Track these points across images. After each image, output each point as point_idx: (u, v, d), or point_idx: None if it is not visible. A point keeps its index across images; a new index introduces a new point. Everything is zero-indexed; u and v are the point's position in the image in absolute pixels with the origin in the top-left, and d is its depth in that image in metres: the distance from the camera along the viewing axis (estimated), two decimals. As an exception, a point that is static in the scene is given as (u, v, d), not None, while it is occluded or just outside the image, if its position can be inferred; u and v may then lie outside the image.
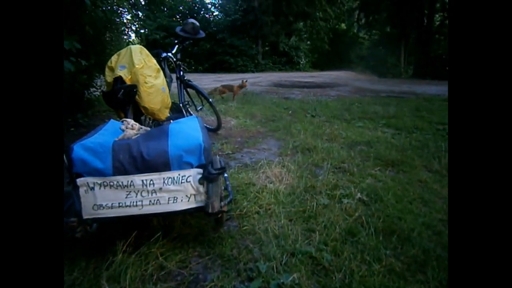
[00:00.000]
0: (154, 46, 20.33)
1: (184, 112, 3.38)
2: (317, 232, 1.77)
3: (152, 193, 1.47)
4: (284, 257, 1.56)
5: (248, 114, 5.08)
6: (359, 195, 2.19)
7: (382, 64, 21.14)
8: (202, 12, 25.12)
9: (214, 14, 25.66)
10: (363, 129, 4.13)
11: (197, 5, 25.16)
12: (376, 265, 1.51)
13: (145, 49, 2.50)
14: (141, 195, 1.46)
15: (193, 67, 22.68)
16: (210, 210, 1.50)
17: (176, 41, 3.51)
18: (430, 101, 6.96)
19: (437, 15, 20.57)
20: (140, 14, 24.10)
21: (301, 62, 25.11)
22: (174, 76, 3.49)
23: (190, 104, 3.79)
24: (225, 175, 1.92)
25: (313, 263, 1.54)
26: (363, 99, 7.20)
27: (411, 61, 21.61)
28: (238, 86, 6.81)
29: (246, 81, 7.00)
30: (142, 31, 23.56)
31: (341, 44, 28.25)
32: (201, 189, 1.52)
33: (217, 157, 1.89)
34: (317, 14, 25.25)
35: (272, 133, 3.89)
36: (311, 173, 2.58)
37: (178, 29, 3.52)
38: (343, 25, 28.94)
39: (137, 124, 1.90)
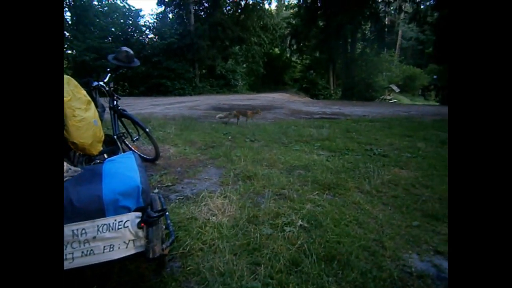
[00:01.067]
0: (83, 68, 19.18)
1: (119, 144, 3.20)
2: (262, 265, 1.77)
3: (84, 243, 1.34)
4: (230, 296, 1.53)
5: (187, 140, 4.99)
6: (300, 222, 2.26)
7: (314, 86, 22.61)
8: (136, 35, 24.46)
9: (149, 37, 25.17)
10: (300, 152, 4.32)
11: (131, 28, 24.48)
12: (320, 294, 1.56)
13: (73, 79, 2.34)
14: (71, 246, 1.33)
15: (127, 91, 21.74)
16: (151, 255, 1.41)
17: (108, 70, 3.35)
18: (358, 122, 7.59)
19: (358, 44, 22.87)
20: (67, 34, 22.65)
21: (238, 85, 25.65)
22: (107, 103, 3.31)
23: (126, 135, 3.61)
24: (166, 213, 1.85)
25: (260, 299, 1.53)
26: (298, 121, 7.56)
27: (340, 83, 23.47)
28: (252, 112, 7.45)
29: (260, 110, 7.78)
30: (69, 51, 22.10)
31: (276, 68, 29.60)
32: (140, 233, 1.43)
33: (157, 195, 1.81)
34: (252, 39, 26.27)
35: (212, 161, 3.87)
36: (253, 202, 2.60)
37: (110, 57, 3.36)
38: (276, 50, 30.44)
39: (66, 164, 1.75)
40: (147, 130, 3.54)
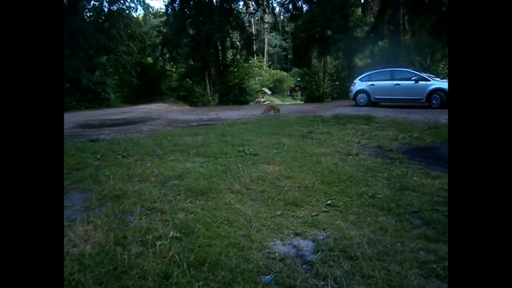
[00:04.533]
0: None
1: None
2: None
3: None
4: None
5: (45, 166, 4.34)
6: (172, 233, 2.25)
7: (192, 94, 22.56)
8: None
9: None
10: (175, 162, 4.27)
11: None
12: (189, 302, 1.58)
13: None
14: None
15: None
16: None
17: None
18: (232, 125, 7.96)
19: (229, 51, 24.00)
20: None
21: (111, 98, 23.61)
22: None
23: None
24: None
25: (126, 325, 1.46)
26: (175, 131, 7.46)
27: (216, 89, 24.13)
28: (277, 107, 11.19)
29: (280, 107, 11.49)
30: None
31: (151, 77, 28.35)
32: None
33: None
34: (121, 48, 24.56)
35: (76, 185, 3.47)
36: (121, 222, 2.46)
37: None
38: (149, 59, 29.24)
39: None
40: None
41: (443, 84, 10.10)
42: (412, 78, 10.47)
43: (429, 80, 10.27)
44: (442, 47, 16.64)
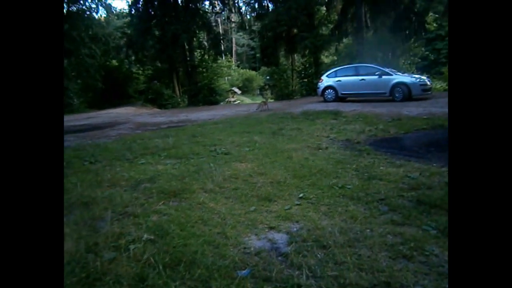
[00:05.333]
0: None
1: None
2: (104, 294, 1.66)
3: None
4: None
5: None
6: (145, 235, 2.22)
7: (160, 96, 22.15)
8: None
9: None
10: (146, 165, 4.19)
11: None
12: (166, 303, 1.57)
13: None
14: None
15: None
16: None
17: None
18: (203, 126, 7.91)
19: (196, 51, 23.72)
20: None
21: (74, 103, 22.68)
22: None
23: None
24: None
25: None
26: (144, 134, 7.30)
27: (185, 91, 23.81)
28: (265, 102, 12.50)
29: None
30: None
31: (116, 81, 27.39)
32: None
33: None
34: (83, 51, 23.58)
35: (40, 195, 3.32)
36: (92, 229, 2.39)
37: None
38: (114, 62, 28.28)
39: None
40: None
41: (405, 78, 10.61)
42: (376, 73, 10.88)
43: (391, 75, 10.72)
44: (402, 43, 17.44)
